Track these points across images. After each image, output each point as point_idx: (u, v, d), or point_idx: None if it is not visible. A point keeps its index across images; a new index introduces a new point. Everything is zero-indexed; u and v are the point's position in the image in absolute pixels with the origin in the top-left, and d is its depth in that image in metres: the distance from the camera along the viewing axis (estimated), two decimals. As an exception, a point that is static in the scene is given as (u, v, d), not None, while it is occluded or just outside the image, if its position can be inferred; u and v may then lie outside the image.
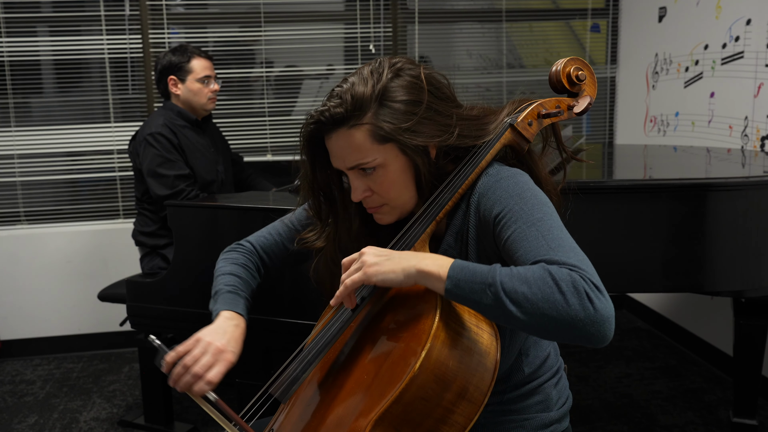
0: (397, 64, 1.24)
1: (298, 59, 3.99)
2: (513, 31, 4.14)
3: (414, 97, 1.21)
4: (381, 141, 1.20)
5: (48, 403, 3.19)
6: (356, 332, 1.23)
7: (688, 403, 3.00)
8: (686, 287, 2.19)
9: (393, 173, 1.23)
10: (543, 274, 1.00)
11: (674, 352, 3.57)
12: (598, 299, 0.98)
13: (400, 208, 1.28)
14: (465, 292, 1.03)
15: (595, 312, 0.97)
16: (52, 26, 3.70)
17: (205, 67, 2.94)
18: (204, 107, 2.97)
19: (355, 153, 1.21)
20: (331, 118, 1.20)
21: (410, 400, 1.04)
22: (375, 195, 1.25)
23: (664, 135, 3.74)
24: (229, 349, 1.25)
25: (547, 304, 0.98)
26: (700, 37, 3.38)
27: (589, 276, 1.00)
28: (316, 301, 1.43)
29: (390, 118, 1.19)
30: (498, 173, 1.23)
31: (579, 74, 1.34)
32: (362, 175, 1.24)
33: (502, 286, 1.00)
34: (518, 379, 1.33)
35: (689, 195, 2.08)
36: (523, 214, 1.12)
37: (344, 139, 1.21)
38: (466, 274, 1.04)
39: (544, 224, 1.10)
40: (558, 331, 0.99)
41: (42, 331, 3.77)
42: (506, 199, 1.16)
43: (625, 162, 2.98)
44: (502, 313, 1.01)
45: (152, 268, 2.87)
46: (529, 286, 0.99)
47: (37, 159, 3.76)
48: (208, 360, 1.21)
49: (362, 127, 1.19)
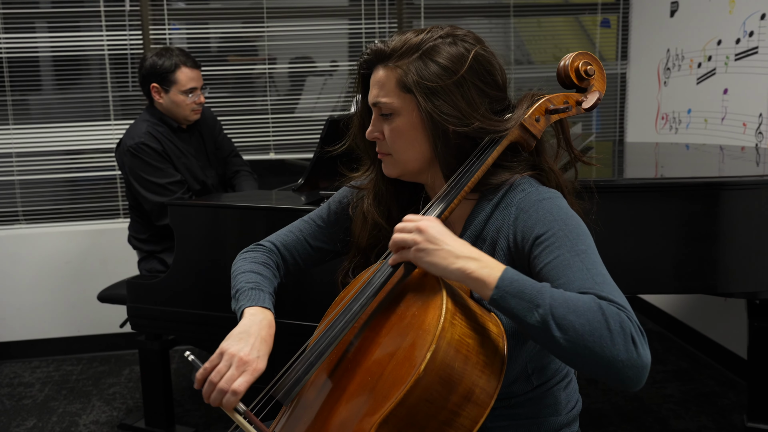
0: (457, 33, 1.28)
1: (302, 56, 3.99)
2: (521, 26, 4.13)
3: (453, 66, 1.24)
4: (403, 89, 1.25)
5: (47, 406, 3.20)
6: (360, 332, 1.23)
7: (700, 407, 2.99)
8: (699, 288, 2.19)
9: (404, 125, 1.27)
10: (594, 306, 1.02)
11: (686, 354, 3.56)
12: (642, 345, 1.01)
13: (402, 165, 1.31)
14: (511, 305, 1.05)
15: (637, 357, 1.00)
16: (50, 22, 3.71)
17: (191, 78, 2.83)
18: (187, 119, 2.88)
19: (380, 89, 1.28)
20: (375, 54, 1.29)
21: (415, 402, 1.04)
22: (384, 141, 1.31)
23: (676, 133, 3.73)
24: (254, 356, 1.24)
25: (593, 338, 1.00)
26: (713, 32, 3.37)
27: (634, 319, 1.03)
28: (319, 302, 1.43)
29: (420, 72, 1.24)
30: (538, 192, 1.24)
31: (588, 69, 1.34)
32: (381, 119, 1.30)
33: (552, 309, 1.02)
34: (526, 382, 1.33)
35: (702, 194, 2.08)
36: (567, 241, 1.14)
37: (379, 74, 1.28)
38: (516, 288, 1.05)
39: (588, 257, 1.12)
40: (594, 366, 1.01)
41: (40, 332, 3.78)
42: (550, 222, 1.18)
43: (636, 160, 2.98)
44: (544, 335, 1.02)
45: (150, 271, 2.87)
46: (578, 315, 1.01)
47: (35, 157, 3.77)
48: (232, 374, 1.21)
49: (395, 70, 1.26)
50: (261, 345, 1.26)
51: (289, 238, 1.51)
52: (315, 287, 2.05)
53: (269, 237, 1.52)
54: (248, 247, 1.51)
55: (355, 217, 1.44)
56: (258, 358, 1.24)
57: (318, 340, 1.22)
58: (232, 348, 1.23)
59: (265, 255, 1.48)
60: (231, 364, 1.22)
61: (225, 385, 1.20)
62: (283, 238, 1.51)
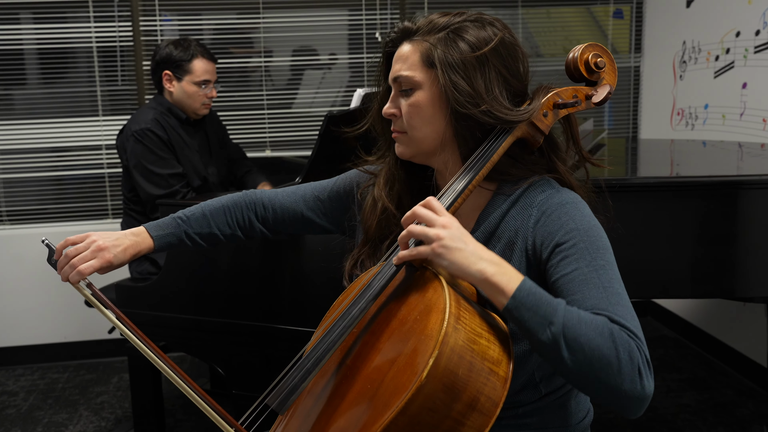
0: (485, 17, 1.33)
1: (301, 47, 4.00)
2: (530, 17, 4.13)
3: (479, 46, 1.27)
4: (427, 62, 1.29)
5: (31, 416, 3.20)
6: (359, 337, 1.23)
7: (718, 417, 2.99)
8: (716, 292, 2.18)
9: (423, 100, 1.30)
10: (606, 332, 1.06)
11: (703, 362, 3.56)
12: (647, 378, 1.05)
13: (417, 143, 1.33)
14: (524, 317, 1.08)
15: (641, 389, 1.05)
16: (35, 12, 3.72)
17: (206, 70, 2.92)
18: (196, 112, 2.96)
19: (403, 63, 1.32)
20: (402, 31, 1.34)
21: (417, 411, 1.04)
22: (400, 119, 1.34)
23: (693, 129, 3.73)
24: (112, 251, 1.44)
25: (600, 364, 1.04)
26: (732, 24, 3.37)
27: (644, 349, 1.07)
28: (319, 305, 1.43)
29: (445, 49, 1.27)
30: (560, 195, 1.27)
31: (598, 61, 1.34)
32: (400, 95, 1.34)
33: (564, 330, 1.05)
34: (534, 390, 1.33)
35: (720, 194, 2.08)
36: (587, 254, 1.17)
37: (404, 49, 1.33)
38: (532, 302, 1.08)
39: (606, 273, 1.16)
40: (596, 390, 1.06)
41: (25, 339, 3.79)
42: (572, 231, 1.21)
43: (650, 158, 2.98)
44: (553, 353, 1.06)
45: (141, 273, 2.87)
46: (589, 339, 1.05)
47: (19, 155, 3.78)
48: (85, 255, 1.43)
49: (421, 44, 1.30)
50: (120, 250, 1.46)
51: (279, 195, 1.61)
52: (314, 290, 2.05)
53: (270, 191, 1.63)
54: (239, 193, 1.63)
55: (365, 203, 1.47)
56: (114, 255, 1.45)
57: (315, 345, 1.22)
58: (95, 235, 1.46)
59: (235, 202, 1.60)
60: (89, 247, 1.44)
61: (76, 262, 1.42)
62: (276, 194, 1.61)
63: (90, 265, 1.42)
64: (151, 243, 1.52)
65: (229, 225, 1.59)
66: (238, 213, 1.60)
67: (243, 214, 1.60)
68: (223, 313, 2.15)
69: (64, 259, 1.43)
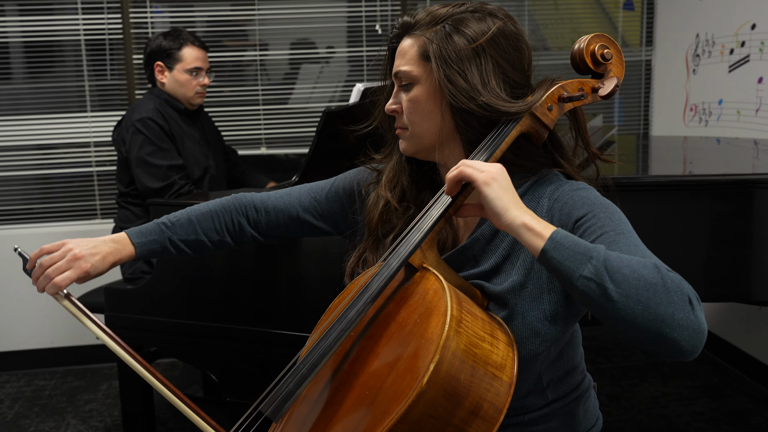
0: (487, 7, 1.34)
1: (298, 40, 4.00)
2: (536, 9, 4.13)
3: (475, 37, 1.29)
4: (424, 57, 1.32)
5: (17, 424, 3.20)
6: (357, 341, 1.23)
7: (732, 425, 2.99)
8: (730, 296, 2.18)
9: (420, 95, 1.33)
10: (650, 265, 1.05)
11: (717, 368, 3.56)
12: (699, 310, 1.04)
13: (418, 139, 1.35)
14: (563, 256, 1.07)
15: (694, 317, 1.02)
16: (21, 4, 3.72)
17: (196, 57, 2.96)
18: (190, 101, 3.00)
19: (402, 58, 1.35)
20: (402, 26, 1.37)
21: (417, 418, 1.04)
22: (402, 115, 1.37)
23: (706, 125, 3.73)
24: (89, 260, 1.44)
25: (648, 293, 1.02)
26: (747, 16, 3.37)
27: (691, 287, 1.06)
28: (316, 309, 1.43)
29: (442, 42, 1.29)
30: (571, 184, 1.30)
31: (604, 52, 1.34)
32: (401, 90, 1.37)
33: (606, 262, 1.04)
34: (541, 395, 1.33)
35: (734, 193, 2.08)
36: (610, 222, 1.18)
37: (404, 44, 1.35)
38: (570, 241, 1.08)
39: (633, 236, 1.17)
40: (648, 327, 1.02)
41: (10, 344, 3.79)
42: (590, 205, 1.23)
43: (662, 155, 2.98)
44: (596, 290, 1.04)
45: (134, 272, 2.87)
46: (633, 270, 1.04)
47: (4, 152, 3.78)
48: (60, 265, 1.42)
49: (419, 38, 1.32)
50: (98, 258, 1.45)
51: (272, 197, 1.60)
52: (311, 293, 2.05)
53: (262, 194, 1.62)
54: (228, 197, 1.62)
55: (369, 199, 1.47)
56: (91, 264, 1.44)
57: (310, 350, 1.22)
58: (72, 243, 1.45)
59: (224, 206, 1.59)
60: (64, 256, 1.42)
61: (51, 273, 1.41)
62: (269, 196, 1.60)
63: (66, 277, 1.41)
64: (132, 250, 1.51)
65: (217, 231, 1.58)
66: (227, 217, 1.58)
67: (233, 219, 1.59)
68: (217, 318, 2.15)
69: (39, 270, 1.42)
